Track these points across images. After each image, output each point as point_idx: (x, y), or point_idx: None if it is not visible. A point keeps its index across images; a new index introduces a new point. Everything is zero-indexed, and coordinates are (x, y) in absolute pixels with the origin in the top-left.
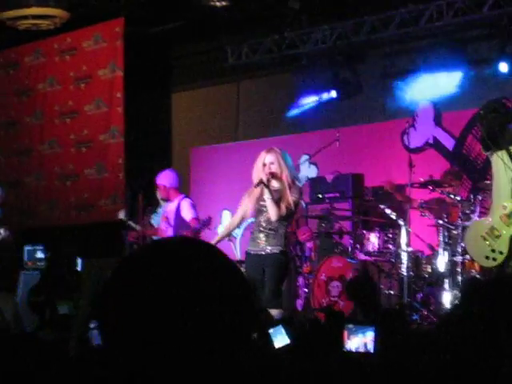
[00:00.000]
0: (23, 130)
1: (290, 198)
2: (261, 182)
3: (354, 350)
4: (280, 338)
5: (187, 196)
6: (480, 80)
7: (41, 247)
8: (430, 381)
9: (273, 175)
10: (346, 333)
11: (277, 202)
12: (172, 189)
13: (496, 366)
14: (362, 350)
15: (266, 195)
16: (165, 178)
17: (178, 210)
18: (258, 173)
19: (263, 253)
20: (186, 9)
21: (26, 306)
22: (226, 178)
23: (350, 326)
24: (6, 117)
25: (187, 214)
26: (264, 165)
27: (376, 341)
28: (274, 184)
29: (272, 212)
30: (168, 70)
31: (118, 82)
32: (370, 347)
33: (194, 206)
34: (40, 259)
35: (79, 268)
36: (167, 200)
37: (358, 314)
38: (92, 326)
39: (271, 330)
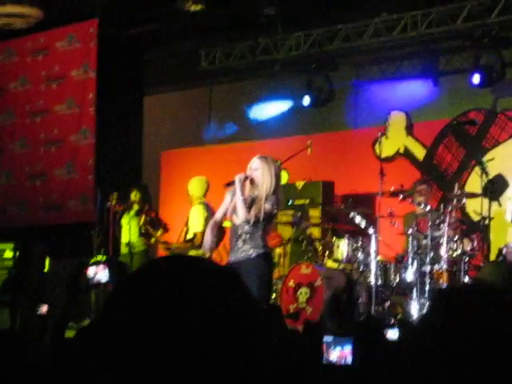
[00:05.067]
0: None
1: (263, 206)
2: (230, 182)
3: (333, 362)
4: None
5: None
6: (452, 91)
7: (10, 246)
8: None
9: (251, 181)
10: (324, 346)
11: (249, 206)
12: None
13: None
14: (341, 362)
15: (237, 195)
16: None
17: None
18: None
19: (242, 258)
20: (160, 12)
21: None
22: None
23: (329, 338)
24: None
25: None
26: (250, 168)
27: (354, 353)
28: (251, 189)
29: (240, 212)
30: (141, 73)
31: (91, 83)
32: (348, 359)
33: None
34: (8, 258)
35: (46, 268)
36: None
37: (328, 324)
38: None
39: None
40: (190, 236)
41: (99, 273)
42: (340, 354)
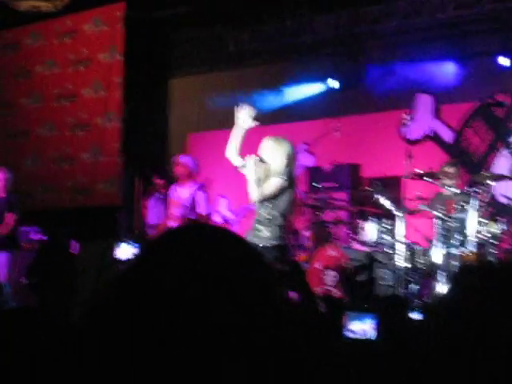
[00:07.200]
0: (20, 112)
1: (273, 179)
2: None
3: (352, 335)
4: None
5: (203, 185)
6: (479, 73)
7: (36, 229)
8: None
9: (262, 161)
10: (345, 319)
11: (261, 184)
12: (193, 172)
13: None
14: (360, 336)
15: (250, 176)
16: (189, 160)
17: (192, 199)
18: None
19: (256, 243)
20: None
21: (22, 286)
22: (223, 165)
23: (350, 312)
24: (1, 98)
25: (200, 208)
26: (261, 149)
27: (378, 328)
28: (263, 170)
29: (251, 192)
30: (167, 56)
31: (118, 66)
32: (370, 334)
33: (208, 200)
34: (35, 241)
35: (74, 250)
36: (180, 181)
37: (353, 303)
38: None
39: None
40: None
41: (128, 250)
42: (361, 327)
